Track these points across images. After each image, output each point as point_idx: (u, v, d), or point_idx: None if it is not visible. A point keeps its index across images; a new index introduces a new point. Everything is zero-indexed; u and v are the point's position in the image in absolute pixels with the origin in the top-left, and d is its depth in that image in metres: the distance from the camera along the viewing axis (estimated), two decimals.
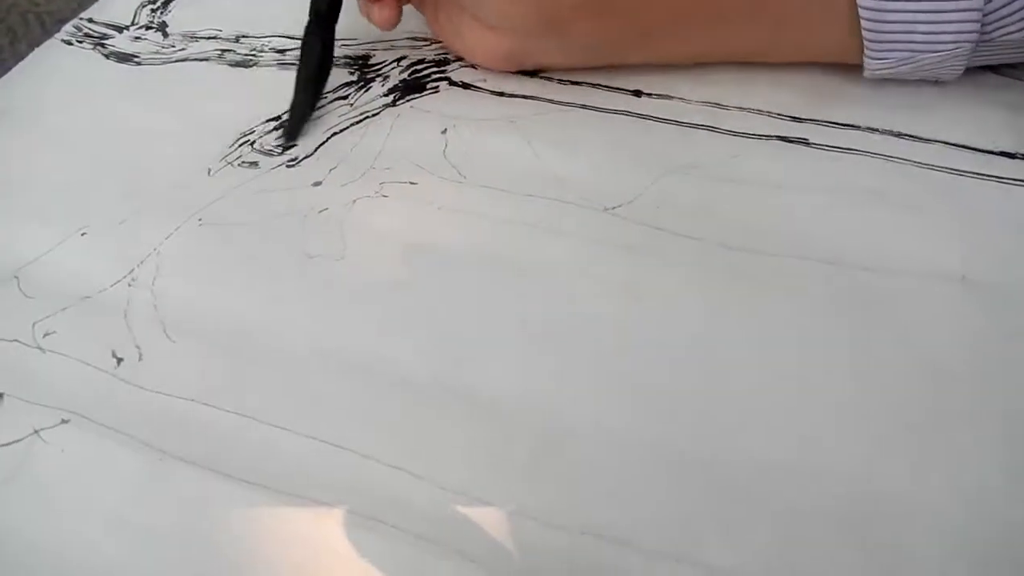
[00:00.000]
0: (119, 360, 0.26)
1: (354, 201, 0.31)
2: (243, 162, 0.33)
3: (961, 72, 0.30)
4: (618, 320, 0.26)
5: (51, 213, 0.31)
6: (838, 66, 0.32)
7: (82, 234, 0.30)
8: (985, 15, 0.28)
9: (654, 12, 0.31)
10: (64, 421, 0.25)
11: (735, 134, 0.31)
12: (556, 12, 0.31)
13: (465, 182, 0.31)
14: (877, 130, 0.31)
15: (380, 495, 0.23)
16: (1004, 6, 0.28)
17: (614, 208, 0.29)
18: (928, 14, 0.28)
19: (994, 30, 0.29)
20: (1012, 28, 0.29)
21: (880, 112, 0.31)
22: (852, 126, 0.31)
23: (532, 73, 0.35)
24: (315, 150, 0.33)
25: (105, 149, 0.34)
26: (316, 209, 0.30)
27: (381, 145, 0.33)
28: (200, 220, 0.31)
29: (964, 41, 0.29)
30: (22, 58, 0.41)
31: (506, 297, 0.27)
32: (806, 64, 0.33)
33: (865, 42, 0.30)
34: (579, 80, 0.34)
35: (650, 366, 0.25)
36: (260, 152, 0.33)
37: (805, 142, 0.31)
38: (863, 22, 0.29)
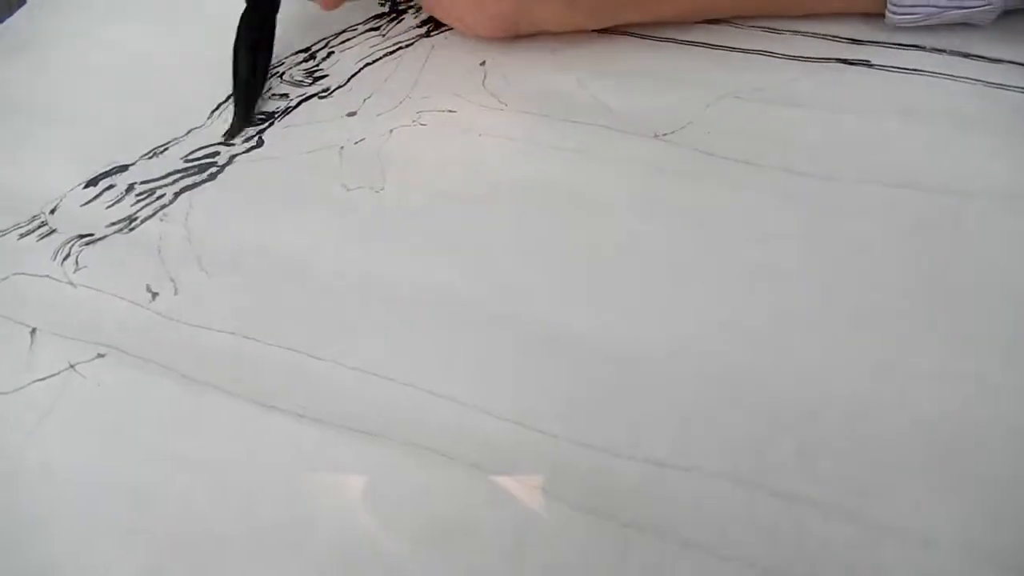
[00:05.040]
0: (154, 294, 0.25)
1: (391, 131, 0.29)
2: (273, 94, 0.32)
3: (994, 18, 0.28)
4: (673, 246, 0.25)
5: (75, 148, 0.30)
6: None
7: (109, 169, 0.29)
8: None
9: None
10: (100, 355, 0.24)
11: (792, 58, 0.30)
12: None
13: (507, 109, 0.29)
14: (944, 51, 0.29)
15: (425, 423, 0.22)
16: None
17: (665, 135, 0.28)
18: None
19: None
20: None
21: (946, 32, 0.30)
22: (917, 47, 0.29)
23: None
24: (347, 80, 0.32)
25: (126, 81, 0.33)
26: (352, 140, 0.29)
27: (417, 75, 0.31)
28: (232, 155, 0.29)
29: None
30: None
31: (555, 223, 0.26)
32: None
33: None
34: None
35: (708, 292, 0.24)
36: (290, 83, 0.32)
37: (867, 64, 0.29)
38: None
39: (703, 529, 0.19)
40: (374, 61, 0.32)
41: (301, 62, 0.33)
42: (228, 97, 0.32)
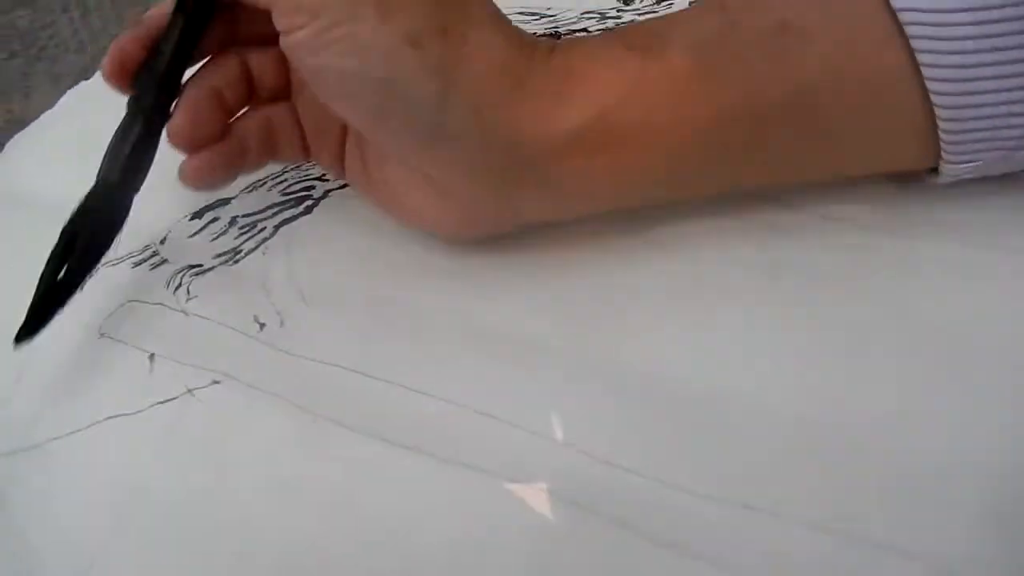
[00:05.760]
0: (261, 325, 0.27)
1: None
2: None
3: None
4: (760, 296, 0.26)
5: (179, 183, 0.32)
6: None
7: (213, 202, 0.31)
8: None
9: (672, 142, 0.24)
10: (215, 382, 0.26)
11: None
12: (535, 155, 0.23)
13: None
14: None
15: (529, 461, 0.23)
16: None
17: None
18: None
19: None
20: None
21: None
22: None
23: None
24: None
25: None
26: None
27: None
28: (327, 190, 0.31)
29: None
30: None
31: (640, 266, 0.27)
32: None
33: (943, 144, 0.24)
34: None
35: (794, 345, 0.25)
36: None
37: None
38: (940, 122, 0.23)
39: (784, 569, 0.20)
40: None
41: None
42: None
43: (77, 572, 0.22)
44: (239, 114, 0.27)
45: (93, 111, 0.36)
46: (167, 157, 0.33)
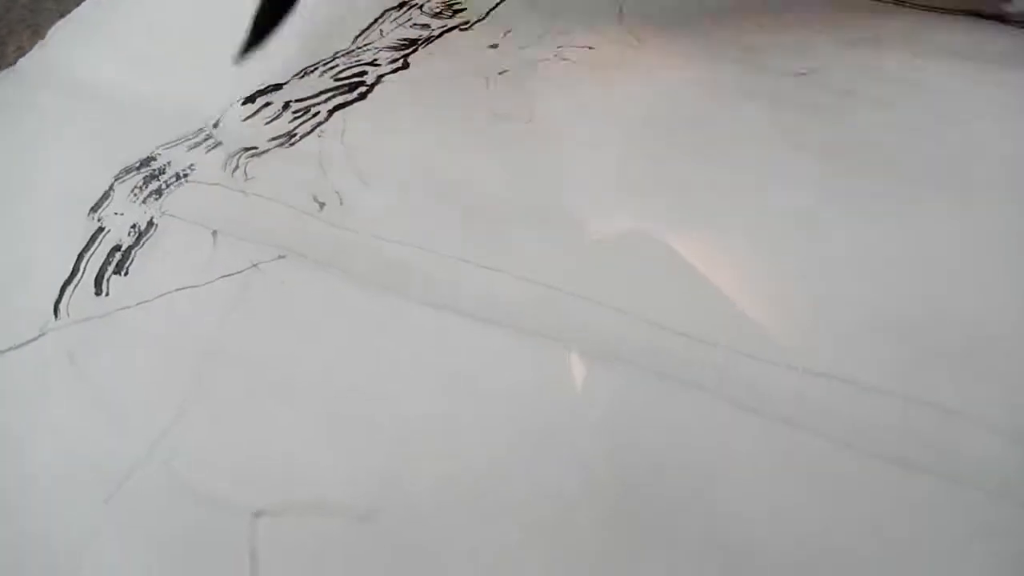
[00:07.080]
0: (321, 204, 0.27)
1: (536, 64, 0.31)
2: (414, 24, 0.33)
3: None
4: (815, 180, 0.26)
5: (236, 70, 0.32)
6: None
7: (264, 88, 0.31)
8: None
9: None
10: (280, 256, 0.26)
11: (925, 8, 0.31)
12: None
13: (642, 46, 0.31)
14: None
15: (592, 328, 0.24)
16: None
17: (804, 74, 0.29)
18: None
19: None
20: None
21: None
22: None
23: None
24: (487, 14, 0.33)
25: None
26: (496, 71, 0.31)
27: (553, 8, 0.32)
28: (380, 75, 0.31)
29: None
30: None
31: (697, 159, 0.27)
32: None
33: None
34: None
35: (853, 228, 0.25)
36: (429, 15, 0.33)
37: (1000, 18, 0.30)
38: None
39: (858, 432, 0.21)
40: None
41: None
42: (371, 24, 0.33)
43: (163, 423, 0.23)
44: None
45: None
46: (215, 42, 0.33)
